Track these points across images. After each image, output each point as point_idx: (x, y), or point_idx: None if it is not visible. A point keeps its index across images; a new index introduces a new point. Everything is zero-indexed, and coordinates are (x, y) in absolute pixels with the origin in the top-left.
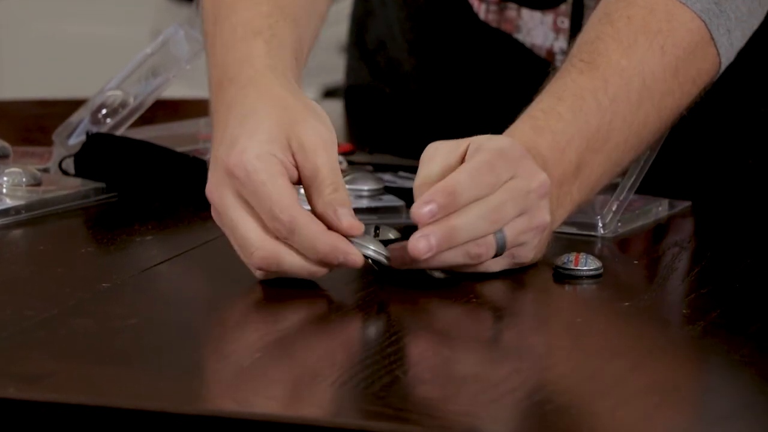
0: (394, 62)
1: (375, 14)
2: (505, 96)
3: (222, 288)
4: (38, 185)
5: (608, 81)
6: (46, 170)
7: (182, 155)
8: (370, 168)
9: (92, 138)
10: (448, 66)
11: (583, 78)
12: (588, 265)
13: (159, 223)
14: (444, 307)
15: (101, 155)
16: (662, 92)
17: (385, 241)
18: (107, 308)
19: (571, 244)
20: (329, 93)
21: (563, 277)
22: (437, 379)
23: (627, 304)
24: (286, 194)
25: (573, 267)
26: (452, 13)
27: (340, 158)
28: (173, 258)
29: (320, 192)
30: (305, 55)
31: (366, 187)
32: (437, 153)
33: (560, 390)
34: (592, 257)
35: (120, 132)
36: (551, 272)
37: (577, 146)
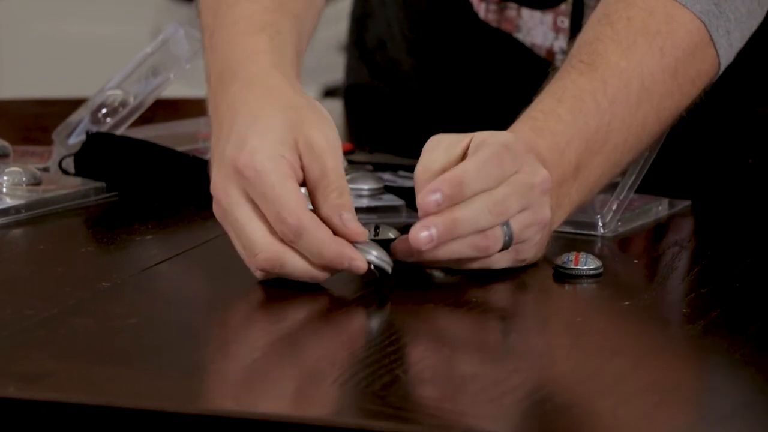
0: (394, 62)
1: (374, 14)
2: (505, 95)
3: (222, 287)
4: (38, 184)
5: (607, 82)
6: (46, 169)
7: (182, 155)
8: (370, 167)
9: (92, 137)
10: (448, 65)
11: (583, 79)
12: (588, 265)
13: (159, 223)
14: (444, 307)
15: (101, 154)
16: (661, 93)
17: (385, 241)
18: (107, 307)
19: (571, 244)
20: (329, 92)
21: (563, 277)
22: (437, 379)
23: (627, 304)
24: (294, 197)
25: (573, 266)
26: (452, 13)
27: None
28: (173, 257)
29: (326, 195)
30: (304, 51)
31: (366, 187)
32: (440, 144)
33: (560, 389)
34: (592, 256)
35: (120, 131)
36: (551, 272)
37: (577, 147)
